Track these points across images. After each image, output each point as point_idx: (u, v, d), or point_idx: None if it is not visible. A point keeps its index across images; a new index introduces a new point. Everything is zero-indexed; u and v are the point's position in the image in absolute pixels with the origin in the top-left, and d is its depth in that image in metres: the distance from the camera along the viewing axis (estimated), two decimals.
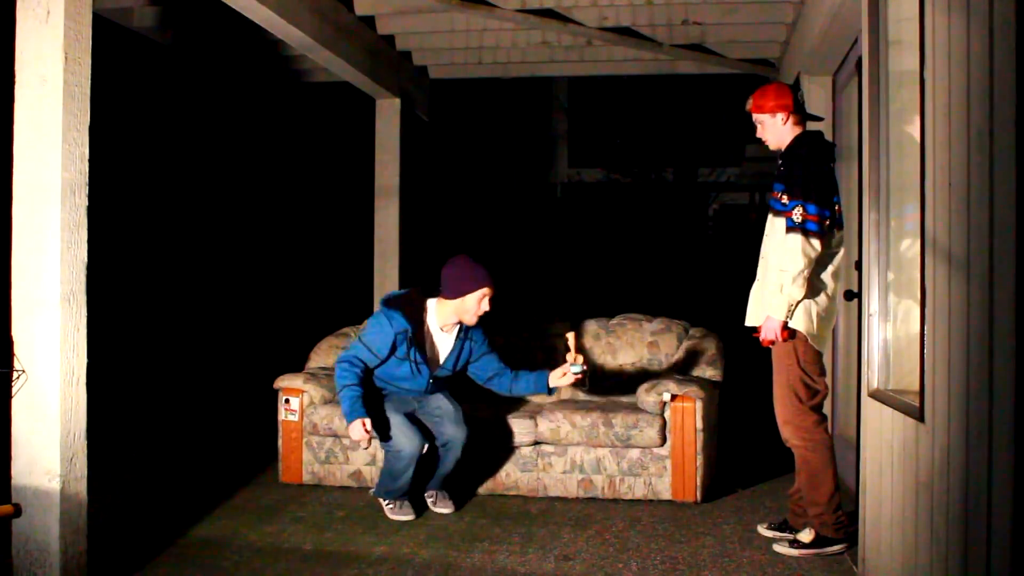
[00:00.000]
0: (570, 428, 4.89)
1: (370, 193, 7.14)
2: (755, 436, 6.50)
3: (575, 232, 12.15)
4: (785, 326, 3.77)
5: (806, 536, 3.90)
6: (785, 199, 3.75)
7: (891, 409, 3.08)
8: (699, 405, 4.81)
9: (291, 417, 5.25)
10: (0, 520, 3.33)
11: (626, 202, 12.32)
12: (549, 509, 4.74)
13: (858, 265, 4.30)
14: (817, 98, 5.37)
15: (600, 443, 4.86)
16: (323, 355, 5.84)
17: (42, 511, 3.32)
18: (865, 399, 3.51)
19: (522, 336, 5.72)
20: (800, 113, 3.94)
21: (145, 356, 7.64)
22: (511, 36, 6.52)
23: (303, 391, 5.26)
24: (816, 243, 3.68)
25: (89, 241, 3.47)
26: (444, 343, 4.67)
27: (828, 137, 5.34)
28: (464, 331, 4.67)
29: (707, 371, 5.26)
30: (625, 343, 5.54)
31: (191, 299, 8.15)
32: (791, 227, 3.69)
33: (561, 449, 4.95)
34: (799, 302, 3.75)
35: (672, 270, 11.78)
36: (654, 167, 12.47)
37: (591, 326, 5.67)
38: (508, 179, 11.96)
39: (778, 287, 3.72)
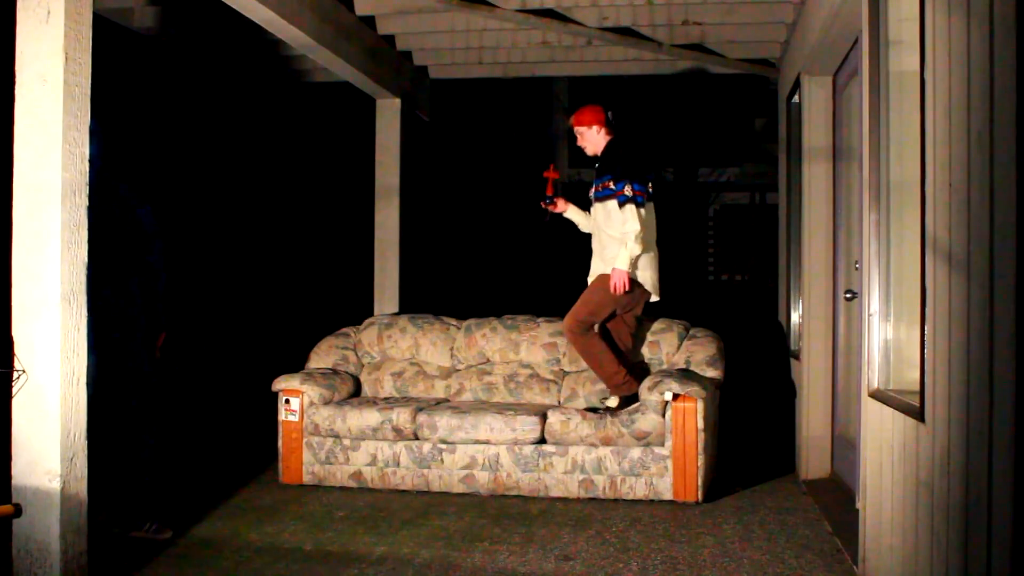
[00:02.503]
0: (580, 420, 4.92)
1: (370, 193, 7.14)
2: (755, 436, 6.50)
3: (575, 232, 12.14)
4: (630, 276, 4.91)
5: (612, 402, 5.02)
6: (612, 184, 5.01)
7: (891, 409, 3.08)
8: (700, 405, 4.81)
9: (291, 418, 5.25)
10: (0, 520, 3.33)
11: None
12: (550, 509, 4.74)
13: (858, 265, 4.30)
14: (817, 98, 5.38)
15: (607, 435, 4.86)
16: (323, 355, 5.84)
17: (42, 511, 3.32)
18: (865, 399, 3.51)
19: (522, 332, 5.72)
20: (609, 126, 5.20)
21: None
22: (511, 36, 6.52)
23: (302, 391, 5.26)
24: (642, 211, 4.94)
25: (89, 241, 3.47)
26: None
27: (828, 137, 5.36)
28: None
29: (708, 371, 5.26)
30: None
31: (190, 299, 8.15)
32: (623, 201, 4.94)
33: (562, 449, 4.95)
34: (639, 256, 4.95)
35: (672, 270, 11.77)
36: (654, 167, 12.47)
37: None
38: (508, 179, 11.95)
39: (621, 245, 4.91)
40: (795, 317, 6.01)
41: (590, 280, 5.19)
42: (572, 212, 5.46)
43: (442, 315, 6.07)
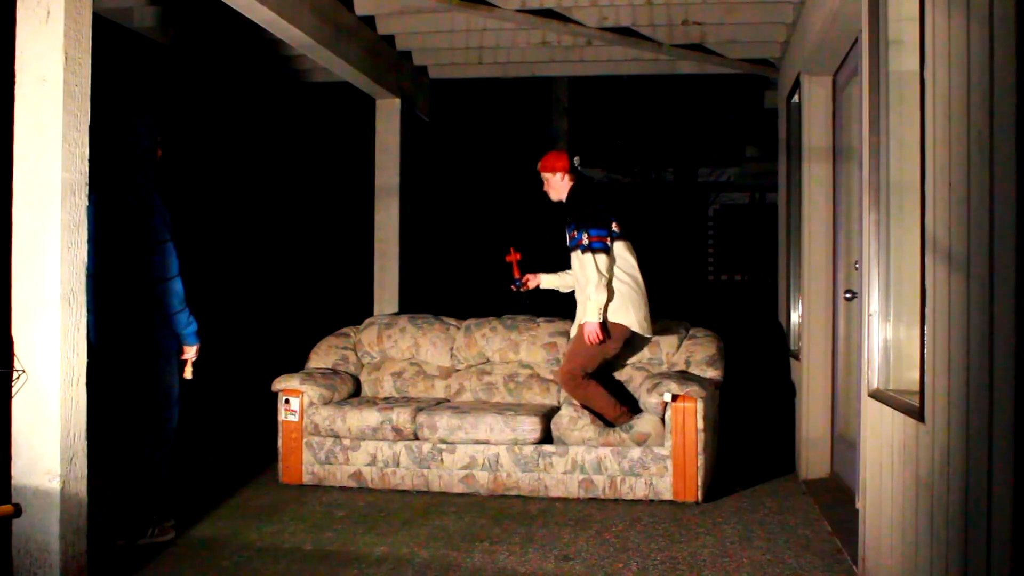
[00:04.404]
0: (588, 421, 4.94)
1: (370, 193, 7.14)
2: (755, 436, 6.51)
3: None
4: (603, 325, 4.91)
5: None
6: (575, 233, 5.04)
7: (891, 409, 3.08)
8: (700, 405, 4.81)
9: (291, 418, 5.25)
10: (0, 520, 3.33)
11: (626, 202, 12.32)
12: (549, 509, 4.74)
13: (858, 265, 4.30)
14: (817, 98, 5.38)
15: (608, 440, 4.87)
16: (323, 355, 5.84)
17: (42, 511, 3.32)
18: (865, 399, 3.51)
19: (522, 332, 5.71)
20: (573, 172, 5.22)
21: None
22: (511, 36, 6.52)
23: (302, 391, 5.26)
24: (603, 258, 4.94)
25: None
26: None
27: (828, 137, 5.36)
28: None
29: (708, 371, 5.26)
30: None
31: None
32: (583, 250, 4.95)
33: (562, 449, 4.95)
34: (606, 304, 4.93)
35: (672, 270, 11.77)
36: (654, 167, 12.47)
37: None
38: (508, 179, 11.95)
39: (587, 298, 4.92)
40: (795, 317, 6.01)
41: (573, 331, 5.23)
42: (546, 281, 5.46)
43: (442, 315, 6.07)
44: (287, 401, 5.27)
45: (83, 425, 3.43)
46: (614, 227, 5.07)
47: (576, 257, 5.06)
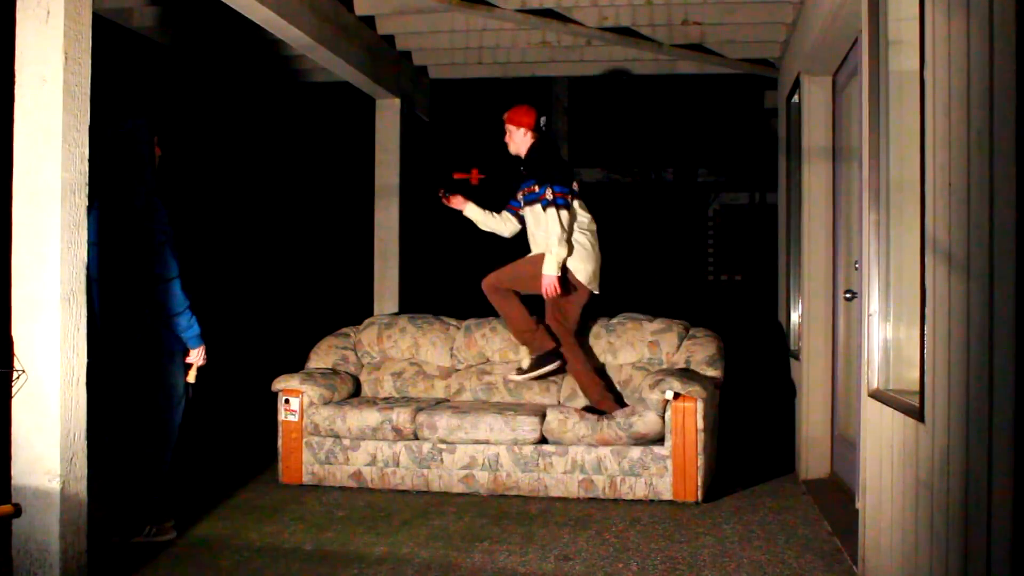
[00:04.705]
0: (577, 419, 4.91)
1: (370, 193, 7.14)
2: (755, 436, 6.51)
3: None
4: (561, 279, 5.05)
5: (525, 363, 5.35)
6: (536, 187, 5.17)
7: (891, 409, 3.08)
8: (700, 405, 4.81)
9: (291, 418, 5.25)
10: (0, 520, 3.33)
11: (626, 202, 12.31)
12: (549, 509, 4.74)
13: (858, 265, 4.30)
14: (817, 98, 5.38)
15: (605, 437, 4.86)
16: (323, 355, 5.84)
17: (42, 511, 3.32)
18: (865, 399, 3.51)
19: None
20: (536, 131, 5.31)
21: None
22: (511, 36, 6.52)
23: (302, 391, 5.26)
24: (565, 213, 5.08)
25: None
26: None
27: (828, 137, 5.36)
28: None
29: (708, 371, 5.26)
30: (626, 342, 5.54)
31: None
32: (546, 205, 5.07)
33: (562, 449, 4.95)
34: (566, 258, 5.08)
35: (672, 270, 11.77)
36: (654, 167, 12.47)
37: (592, 325, 5.67)
38: (507, 179, 11.94)
39: (548, 251, 5.04)
40: (795, 317, 6.01)
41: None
42: (470, 210, 5.63)
43: (442, 315, 6.07)
44: (287, 401, 5.27)
45: (83, 425, 3.43)
46: (574, 186, 5.26)
47: (533, 212, 5.25)
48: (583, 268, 5.17)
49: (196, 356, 4.20)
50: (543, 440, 4.99)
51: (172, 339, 4.12)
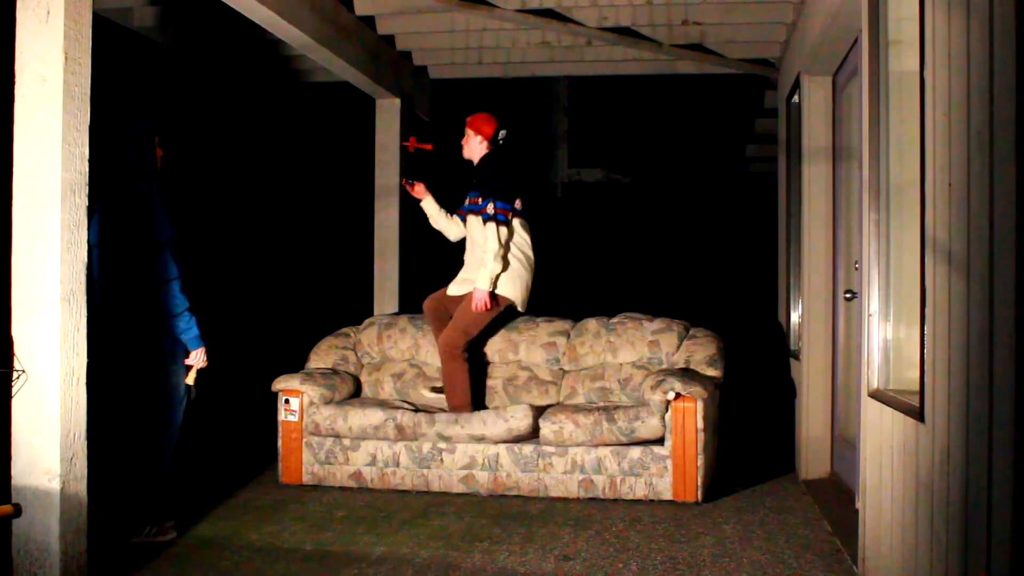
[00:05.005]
0: (573, 428, 4.89)
1: (370, 193, 7.14)
2: (755, 436, 6.51)
3: (575, 232, 12.14)
4: (492, 294, 5.14)
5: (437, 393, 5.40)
6: (479, 200, 5.24)
7: (891, 409, 3.08)
8: (700, 405, 4.81)
9: (291, 418, 5.25)
10: (0, 520, 3.33)
11: (626, 202, 12.31)
12: (549, 509, 4.74)
13: (858, 265, 4.30)
14: (817, 98, 5.38)
15: (604, 440, 4.86)
16: (323, 355, 5.84)
17: (42, 511, 3.32)
18: (865, 399, 3.51)
19: (521, 333, 5.71)
20: (493, 142, 5.42)
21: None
22: (511, 36, 6.52)
23: (302, 391, 5.26)
24: (504, 230, 5.15)
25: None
26: None
27: (828, 137, 5.36)
28: None
29: (708, 371, 5.26)
30: (626, 342, 5.54)
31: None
32: (486, 219, 5.16)
33: (562, 449, 4.95)
34: (499, 274, 5.16)
35: (672, 270, 11.77)
36: (654, 167, 12.47)
37: (592, 325, 5.67)
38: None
39: (482, 265, 5.12)
40: (795, 317, 6.01)
41: (454, 290, 5.43)
42: (428, 203, 5.60)
43: None
44: (287, 401, 5.27)
45: (83, 425, 3.43)
46: (517, 204, 5.31)
47: (475, 222, 5.31)
48: (510, 287, 5.24)
49: (196, 357, 4.20)
50: (537, 430, 4.98)
51: (173, 340, 4.12)
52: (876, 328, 3.45)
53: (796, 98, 5.71)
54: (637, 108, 12.24)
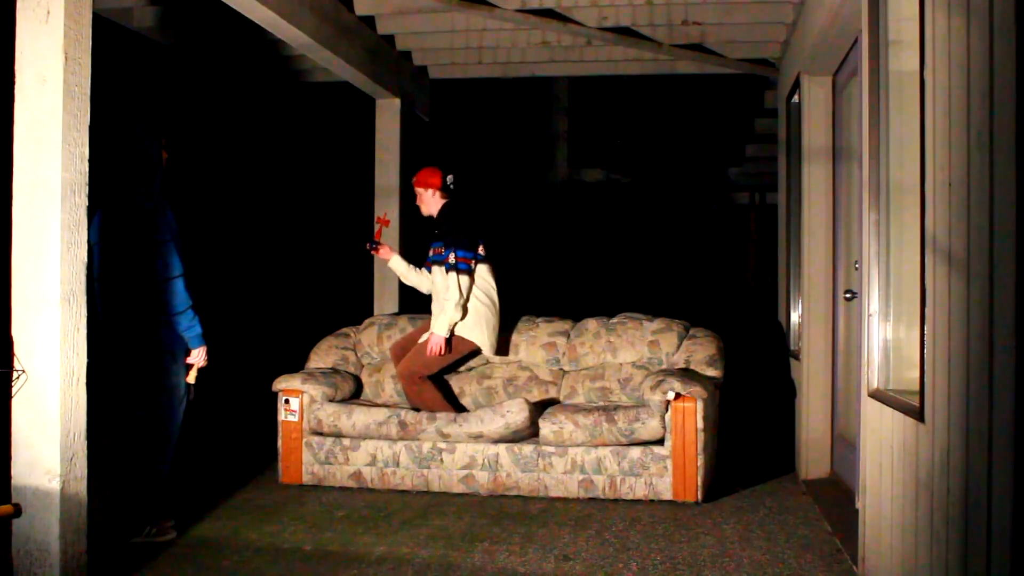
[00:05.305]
0: (573, 428, 4.89)
1: (370, 193, 7.14)
2: (755, 436, 6.51)
3: (575, 232, 12.15)
4: (448, 341, 5.20)
5: None
6: (442, 251, 5.29)
7: (891, 409, 3.08)
8: (700, 405, 4.81)
9: (291, 418, 5.25)
10: (0, 520, 3.33)
11: (626, 202, 12.31)
12: (549, 509, 4.74)
13: (858, 265, 4.30)
14: (817, 98, 5.38)
15: (604, 441, 4.86)
16: (323, 355, 5.84)
17: (42, 511, 3.32)
18: (865, 399, 3.51)
19: (521, 333, 5.72)
20: (445, 190, 5.46)
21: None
22: (511, 36, 6.52)
23: (302, 391, 5.26)
24: (465, 279, 5.20)
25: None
26: None
27: (828, 137, 5.36)
28: None
29: (708, 371, 5.26)
30: (626, 342, 5.54)
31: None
32: (448, 269, 5.21)
33: (562, 449, 4.95)
34: (459, 322, 5.20)
35: (672, 269, 11.77)
36: (654, 167, 12.47)
37: (592, 325, 5.67)
38: (508, 179, 11.95)
39: (442, 311, 5.18)
40: (795, 317, 6.01)
41: (424, 336, 5.41)
42: (395, 262, 5.68)
43: None
44: (287, 401, 5.27)
45: (83, 425, 3.43)
46: (480, 250, 5.34)
47: (438, 272, 5.34)
48: (477, 332, 5.27)
49: (197, 356, 4.20)
50: (535, 427, 4.98)
51: (173, 339, 4.12)
52: (876, 328, 3.45)
53: (796, 98, 5.71)
54: (637, 108, 12.24)
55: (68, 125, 3.37)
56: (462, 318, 5.23)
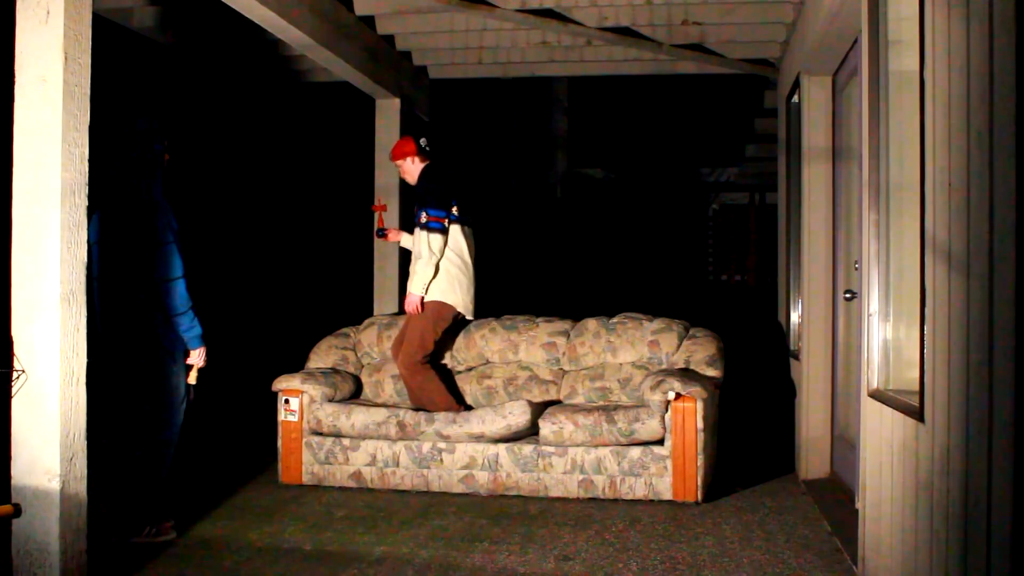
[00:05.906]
0: (573, 428, 4.89)
1: (370, 193, 7.13)
2: (755, 436, 6.51)
3: (575, 232, 12.15)
4: (423, 300, 5.24)
5: None
6: (416, 210, 5.31)
7: (891, 409, 3.08)
8: (700, 405, 4.81)
9: (291, 418, 5.25)
10: (0, 520, 3.33)
11: (625, 202, 12.32)
12: (549, 509, 4.74)
13: (858, 265, 4.30)
14: (817, 98, 5.38)
15: (604, 441, 4.86)
16: (323, 355, 5.84)
17: (42, 511, 3.32)
18: (865, 399, 3.51)
19: (521, 333, 5.72)
20: (422, 154, 5.46)
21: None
22: (511, 36, 6.52)
23: (302, 391, 5.26)
24: (437, 237, 5.22)
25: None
26: None
27: (828, 137, 5.36)
28: None
29: (707, 371, 5.26)
30: (626, 342, 5.54)
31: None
32: (420, 228, 5.24)
33: (562, 449, 4.95)
34: (432, 280, 5.23)
35: (672, 269, 11.78)
36: (654, 167, 12.48)
37: (592, 325, 5.67)
38: (508, 179, 11.96)
39: (413, 271, 5.26)
40: (795, 317, 6.01)
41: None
42: (405, 239, 5.76)
43: None
44: (287, 401, 5.27)
45: (83, 425, 3.43)
46: (454, 210, 5.33)
47: (417, 234, 5.34)
48: (451, 294, 5.30)
49: (197, 357, 4.20)
50: (536, 427, 4.98)
51: (173, 339, 4.12)
52: (876, 328, 3.45)
53: (796, 98, 5.71)
54: (637, 108, 12.25)
55: (68, 125, 3.37)
56: (434, 277, 5.24)
